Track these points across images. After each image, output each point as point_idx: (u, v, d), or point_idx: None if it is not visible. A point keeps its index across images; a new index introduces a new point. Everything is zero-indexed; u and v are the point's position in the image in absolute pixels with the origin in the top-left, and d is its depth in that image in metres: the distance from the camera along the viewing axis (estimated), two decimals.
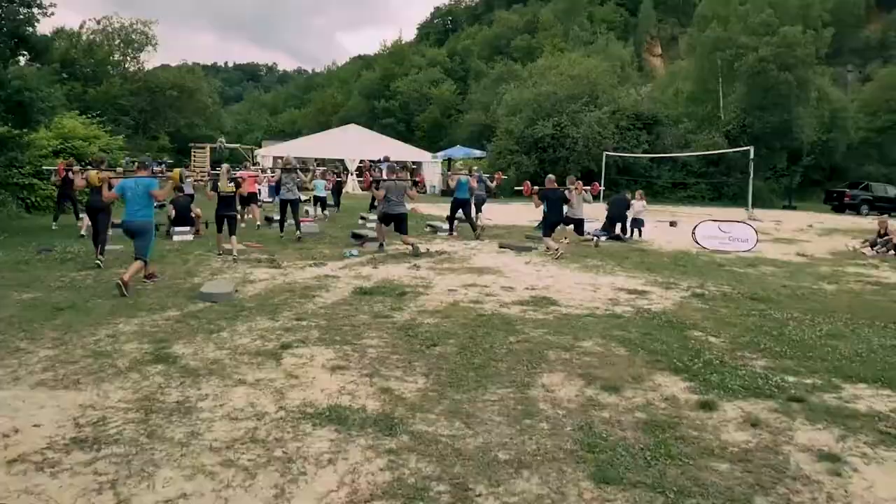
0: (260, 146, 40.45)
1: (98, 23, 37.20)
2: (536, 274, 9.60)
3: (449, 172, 15.22)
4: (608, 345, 5.64)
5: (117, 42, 37.81)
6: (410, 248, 11.18)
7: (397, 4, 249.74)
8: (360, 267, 9.84)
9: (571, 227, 13.25)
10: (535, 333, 5.95)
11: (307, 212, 18.90)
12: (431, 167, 35.42)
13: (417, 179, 12.40)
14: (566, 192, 12.21)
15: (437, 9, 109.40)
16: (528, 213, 21.91)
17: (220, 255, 10.65)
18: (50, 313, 6.55)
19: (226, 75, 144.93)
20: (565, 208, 12.33)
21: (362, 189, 30.97)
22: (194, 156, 38.39)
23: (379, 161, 17.08)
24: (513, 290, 8.23)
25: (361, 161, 17.04)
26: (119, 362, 5.03)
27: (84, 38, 35.70)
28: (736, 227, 14.13)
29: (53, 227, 14.40)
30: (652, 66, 79.28)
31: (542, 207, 12.05)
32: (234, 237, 10.60)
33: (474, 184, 14.65)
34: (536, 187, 11.95)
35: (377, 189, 11.83)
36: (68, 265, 9.67)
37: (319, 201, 18.42)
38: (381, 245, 11.80)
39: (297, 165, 13.88)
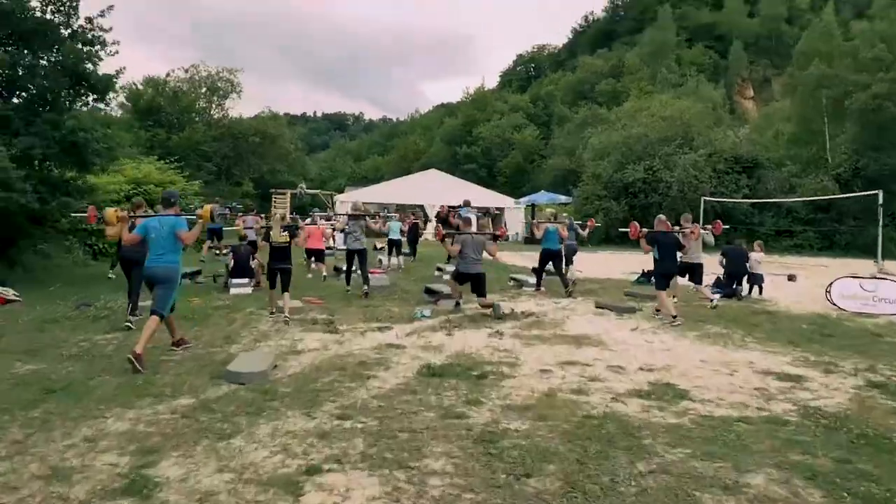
0: (342, 192, 40.03)
1: (186, 71, 37.96)
2: (648, 346, 7.70)
3: (534, 221, 13.47)
4: (791, 483, 3.72)
5: (203, 90, 38.32)
6: (491, 309, 9.48)
7: (479, 54, 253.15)
8: (431, 333, 8.20)
9: (685, 279, 11.25)
10: (672, 456, 4.10)
11: (380, 261, 17.55)
12: (514, 213, 33.87)
13: (499, 234, 10.69)
14: (680, 235, 10.24)
15: (520, 56, 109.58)
16: (619, 263, 19.91)
17: (272, 314, 9.24)
18: (37, 396, 5.18)
19: (314, 125, 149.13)
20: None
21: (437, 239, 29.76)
22: (275, 202, 38.15)
23: (459, 207, 15.47)
24: (623, 371, 6.39)
25: (441, 208, 15.56)
26: (74, 492, 3.51)
27: (169, 86, 36.28)
28: (882, 285, 11.76)
29: (110, 277, 13.50)
30: (744, 109, 75.96)
31: (650, 254, 10.08)
32: (287, 294, 9.13)
33: (565, 232, 12.88)
34: (645, 230, 9.99)
35: (452, 244, 10.24)
36: (99, 325, 8.45)
37: (394, 246, 17.04)
38: (458, 304, 10.14)
39: (365, 211, 12.50)
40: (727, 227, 14.44)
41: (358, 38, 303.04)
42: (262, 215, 17.97)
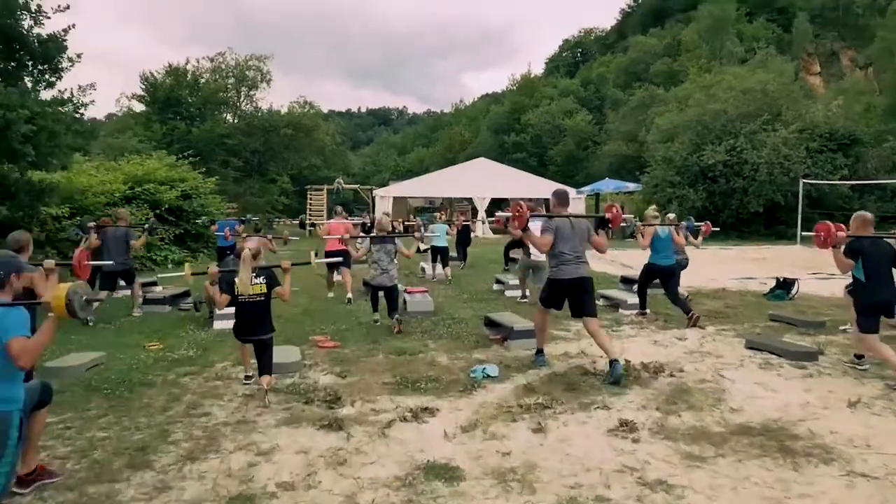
0: (386, 186, 36.82)
1: (211, 60, 34.72)
2: None
3: (639, 224, 9.15)
4: None
5: (231, 80, 35.14)
6: (610, 370, 5.81)
7: (521, 42, 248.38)
8: (505, 424, 4.66)
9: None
10: None
11: (422, 270, 14.11)
12: (574, 205, 30.02)
13: (610, 216, 6.58)
14: None
15: (566, 41, 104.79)
16: (714, 263, 16.13)
17: (247, 380, 5.83)
18: None
19: (359, 120, 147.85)
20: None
21: (514, 231, 26.37)
22: (311, 199, 35.08)
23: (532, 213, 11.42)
24: None
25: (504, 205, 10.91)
26: None
27: (189, 75, 33.19)
28: None
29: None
30: (810, 86, 70.24)
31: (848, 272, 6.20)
32: (267, 377, 5.31)
33: (680, 239, 9.10)
34: (843, 233, 6.08)
35: (539, 234, 6.25)
36: None
37: (440, 254, 13.47)
38: (541, 354, 6.51)
39: (397, 230, 8.99)
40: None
41: (397, 33, 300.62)
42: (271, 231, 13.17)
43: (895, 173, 28.31)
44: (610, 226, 6.45)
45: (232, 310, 8.40)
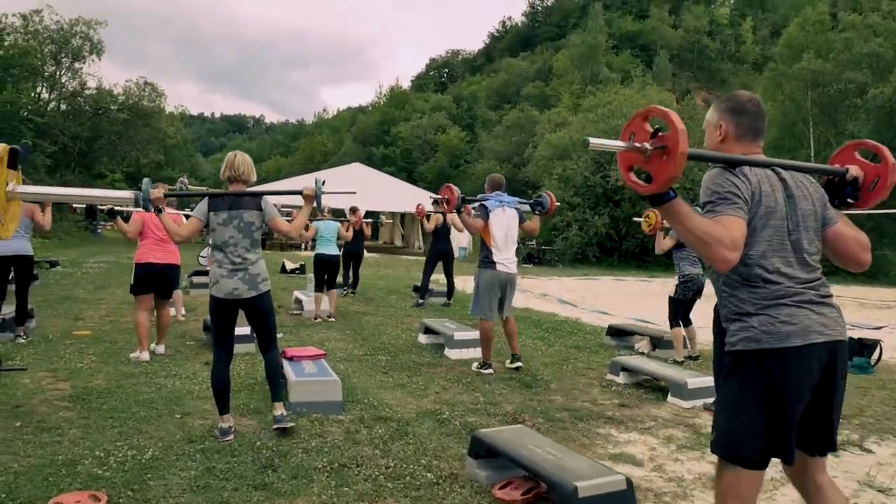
0: None
1: (24, 18, 27.60)
2: None
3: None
4: None
5: (50, 46, 28.22)
6: None
7: (380, 60, 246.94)
8: None
9: None
10: None
11: (296, 303, 9.59)
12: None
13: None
14: None
15: (433, 60, 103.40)
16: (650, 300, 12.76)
17: None
18: None
19: (212, 126, 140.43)
20: None
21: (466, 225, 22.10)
22: None
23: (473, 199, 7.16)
24: None
25: (444, 191, 6.43)
26: None
27: None
28: None
29: None
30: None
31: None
32: None
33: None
34: None
35: None
36: None
37: (327, 269, 8.69)
38: None
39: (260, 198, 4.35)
40: None
41: (256, 39, 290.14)
42: None
43: None
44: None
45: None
